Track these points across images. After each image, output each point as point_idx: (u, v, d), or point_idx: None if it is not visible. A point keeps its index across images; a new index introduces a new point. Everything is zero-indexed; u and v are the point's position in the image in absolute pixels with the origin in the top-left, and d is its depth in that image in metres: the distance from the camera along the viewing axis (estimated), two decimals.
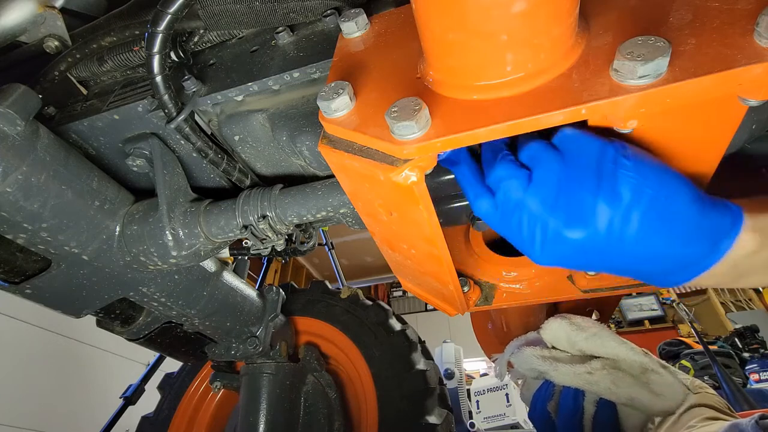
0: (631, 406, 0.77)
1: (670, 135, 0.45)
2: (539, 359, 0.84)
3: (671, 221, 0.42)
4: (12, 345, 3.18)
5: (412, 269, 0.72)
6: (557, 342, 0.86)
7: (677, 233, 0.42)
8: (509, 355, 0.92)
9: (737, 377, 3.96)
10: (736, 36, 0.37)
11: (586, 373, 0.78)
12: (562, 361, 0.82)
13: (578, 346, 0.83)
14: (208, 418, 1.65)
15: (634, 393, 0.75)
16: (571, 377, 0.80)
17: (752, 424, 0.78)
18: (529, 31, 0.40)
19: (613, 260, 0.46)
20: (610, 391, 0.76)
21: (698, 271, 0.45)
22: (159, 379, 1.77)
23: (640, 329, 6.26)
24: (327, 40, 0.72)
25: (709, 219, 0.43)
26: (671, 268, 0.45)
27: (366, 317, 1.54)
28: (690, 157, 0.48)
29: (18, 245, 0.74)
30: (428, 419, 1.27)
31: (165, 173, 0.78)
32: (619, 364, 0.79)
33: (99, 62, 0.84)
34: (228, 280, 1.10)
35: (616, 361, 0.79)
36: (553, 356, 0.84)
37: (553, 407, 0.84)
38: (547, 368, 0.82)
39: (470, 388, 3.13)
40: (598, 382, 0.77)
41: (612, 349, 0.79)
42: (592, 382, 0.78)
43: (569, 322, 0.84)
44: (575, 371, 0.79)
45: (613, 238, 0.43)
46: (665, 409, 0.75)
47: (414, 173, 0.46)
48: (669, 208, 0.42)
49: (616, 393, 0.76)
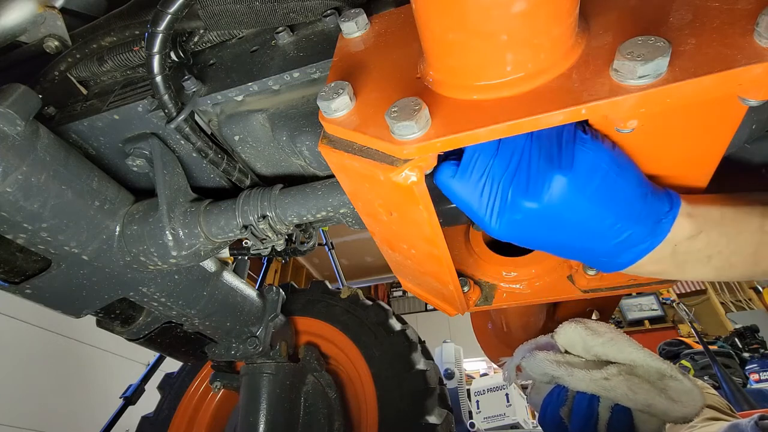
0: (648, 412, 0.75)
1: (670, 135, 0.45)
2: (553, 364, 0.82)
3: (619, 198, 0.46)
4: (12, 345, 3.18)
5: (412, 269, 0.72)
6: (572, 347, 0.85)
7: (624, 210, 0.46)
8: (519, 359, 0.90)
9: (737, 377, 3.96)
10: (736, 36, 0.37)
11: (602, 379, 0.77)
12: (577, 366, 0.81)
13: (594, 351, 0.82)
14: (208, 418, 1.65)
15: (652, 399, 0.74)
16: (587, 383, 0.78)
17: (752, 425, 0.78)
18: (529, 31, 0.40)
19: (563, 234, 0.48)
20: (627, 398, 0.75)
21: (642, 252, 0.48)
22: (159, 379, 1.77)
23: (640, 329, 6.25)
24: (327, 40, 0.72)
25: (651, 201, 0.47)
26: (616, 248, 0.48)
27: (366, 317, 1.54)
28: (690, 157, 0.48)
29: (18, 245, 0.74)
30: (428, 419, 1.27)
31: (165, 173, 0.78)
32: (636, 370, 0.77)
33: (99, 62, 0.84)
34: (228, 280, 1.10)
35: (632, 367, 0.78)
36: (568, 361, 0.82)
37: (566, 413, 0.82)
38: (561, 373, 0.81)
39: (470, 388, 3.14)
40: (615, 388, 0.76)
41: (629, 355, 0.78)
42: (608, 388, 0.76)
43: (585, 326, 0.83)
44: (591, 377, 0.78)
45: (566, 208, 0.45)
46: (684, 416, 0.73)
47: (414, 173, 0.46)
48: (619, 185, 0.45)
49: (634, 399, 0.75)
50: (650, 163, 0.49)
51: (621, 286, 0.71)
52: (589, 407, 0.79)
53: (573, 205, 0.45)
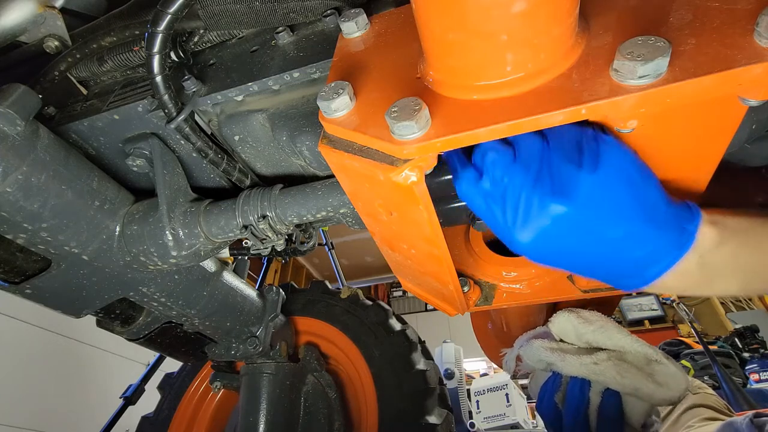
0: (635, 395, 0.78)
1: (671, 135, 0.45)
2: (547, 351, 0.86)
3: (644, 200, 0.44)
4: (12, 345, 3.18)
5: (412, 269, 0.72)
6: (565, 335, 0.89)
7: (649, 214, 0.44)
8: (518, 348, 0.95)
9: (737, 377, 3.96)
10: (736, 36, 0.37)
11: (592, 364, 0.80)
12: (569, 352, 0.85)
13: (585, 338, 0.85)
14: (208, 418, 1.64)
15: (639, 383, 0.77)
16: (578, 367, 0.82)
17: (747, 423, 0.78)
18: (529, 31, 0.40)
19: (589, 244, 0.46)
20: (616, 381, 0.78)
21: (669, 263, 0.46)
22: (159, 379, 1.77)
23: (640, 329, 6.26)
24: (327, 40, 0.72)
25: (674, 208, 0.46)
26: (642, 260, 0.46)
27: (366, 317, 1.54)
28: (690, 157, 0.48)
29: (18, 245, 0.74)
30: (428, 419, 1.27)
31: (165, 173, 0.78)
32: (625, 356, 0.81)
33: (99, 62, 0.84)
34: (228, 280, 1.10)
35: (622, 353, 0.81)
36: (561, 348, 0.87)
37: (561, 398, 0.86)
38: (554, 359, 0.85)
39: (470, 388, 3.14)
40: (604, 372, 0.79)
41: (618, 341, 0.82)
42: (598, 372, 0.80)
43: (576, 315, 0.86)
44: (582, 362, 0.81)
45: (593, 211, 0.43)
46: (668, 398, 0.77)
47: (414, 173, 0.46)
48: (643, 187, 0.44)
49: (622, 383, 0.78)
50: (650, 164, 0.49)
51: None
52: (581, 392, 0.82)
53: (600, 207, 0.43)
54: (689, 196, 0.50)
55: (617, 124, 0.43)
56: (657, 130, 0.44)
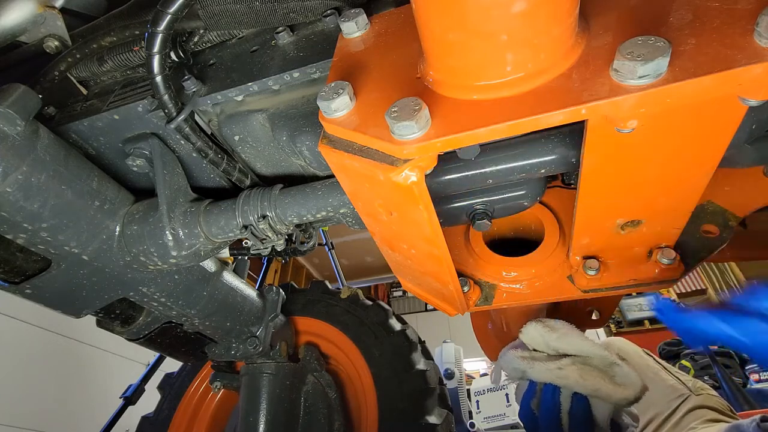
0: (597, 397, 0.83)
1: (671, 135, 0.45)
2: (519, 359, 0.92)
3: None
4: (12, 345, 3.17)
5: (412, 269, 0.72)
6: (535, 343, 0.94)
7: None
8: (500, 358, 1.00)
9: (737, 377, 3.96)
10: (736, 36, 0.37)
11: (557, 369, 0.86)
12: (539, 360, 0.90)
13: (552, 345, 0.91)
14: (208, 418, 1.64)
15: (598, 384, 0.82)
16: (545, 373, 0.87)
17: (754, 426, 0.78)
18: (529, 31, 0.40)
19: None
20: (579, 384, 0.84)
21: None
22: (159, 379, 1.77)
23: (640, 329, 6.25)
24: (327, 40, 0.72)
25: None
26: None
27: (366, 317, 1.54)
28: (690, 157, 0.48)
29: (18, 245, 0.74)
30: (428, 419, 1.27)
31: (165, 173, 0.78)
32: (591, 361, 0.86)
33: (99, 62, 0.84)
34: (228, 280, 1.10)
35: (588, 358, 0.87)
36: (532, 356, 0.92)
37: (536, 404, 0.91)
38: (525, 366, 0.90)
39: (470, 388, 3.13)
40: (568, 376, 0.84)
41: (578, 346, 0.87)
42: (562, 377, 0.85)
43: (543, 324, 0.92)
44: (547, 367, 0.87)
45: None
46: (625, 398, 0.81)
47: (414, 173, 0.46)
48: None
49: (584, 385, 0.83)
50: (650, 164, 0.49)
51: (621, 286, 0.71)
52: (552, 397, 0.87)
53: None
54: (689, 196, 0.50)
55: (617, 124, 0.43)
56: (657, 130, 0.44)
